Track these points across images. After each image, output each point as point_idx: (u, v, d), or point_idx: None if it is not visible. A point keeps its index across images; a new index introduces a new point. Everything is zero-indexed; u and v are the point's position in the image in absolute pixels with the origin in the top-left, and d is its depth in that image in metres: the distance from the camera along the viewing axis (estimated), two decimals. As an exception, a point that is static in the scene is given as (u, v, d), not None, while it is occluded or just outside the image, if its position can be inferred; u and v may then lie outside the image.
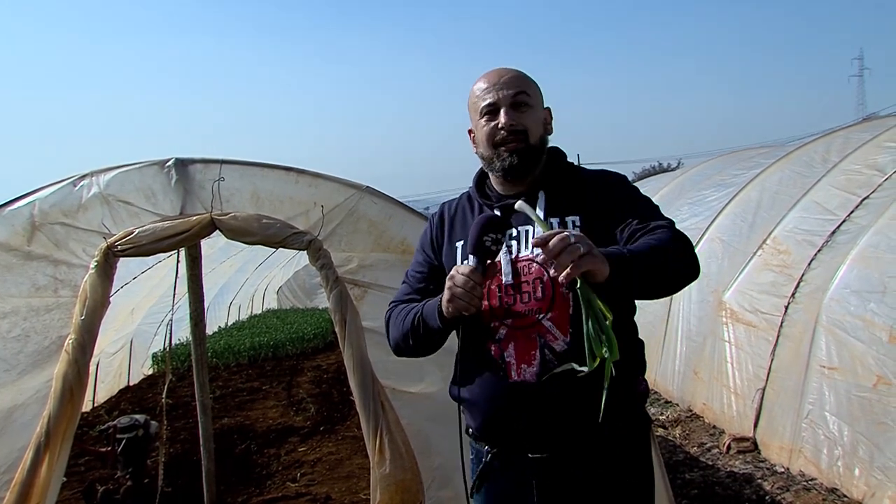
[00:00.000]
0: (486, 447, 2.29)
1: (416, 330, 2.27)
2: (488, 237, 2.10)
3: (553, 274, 1.89)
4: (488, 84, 2.29)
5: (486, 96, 2.28)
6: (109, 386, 9.47)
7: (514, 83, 2.28)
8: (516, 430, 2.17)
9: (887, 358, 4.75)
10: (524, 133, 2.24)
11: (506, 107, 2.24)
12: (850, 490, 4.84)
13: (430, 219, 2.55)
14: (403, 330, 2.33)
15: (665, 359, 8.00)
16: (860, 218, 5.79)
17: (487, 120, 2.27)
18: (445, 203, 2.54)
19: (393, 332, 2.41)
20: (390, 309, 2.46)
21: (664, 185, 11.56)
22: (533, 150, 2.27)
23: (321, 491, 5.71)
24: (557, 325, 2.13)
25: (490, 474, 2.29)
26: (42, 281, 3.76)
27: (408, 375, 3.75)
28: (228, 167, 3.88)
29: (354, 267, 3.87)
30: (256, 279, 16.39)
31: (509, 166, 2.25)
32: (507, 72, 2.31)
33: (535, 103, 2.31)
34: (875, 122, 8.51)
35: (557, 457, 2.16)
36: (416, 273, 2.49)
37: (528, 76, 2.34)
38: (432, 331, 2.22)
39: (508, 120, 2.23)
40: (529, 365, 2.14)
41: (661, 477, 3.87)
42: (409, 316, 2.30)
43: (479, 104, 2.29)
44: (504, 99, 2.25)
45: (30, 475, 3.38)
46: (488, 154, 2.29)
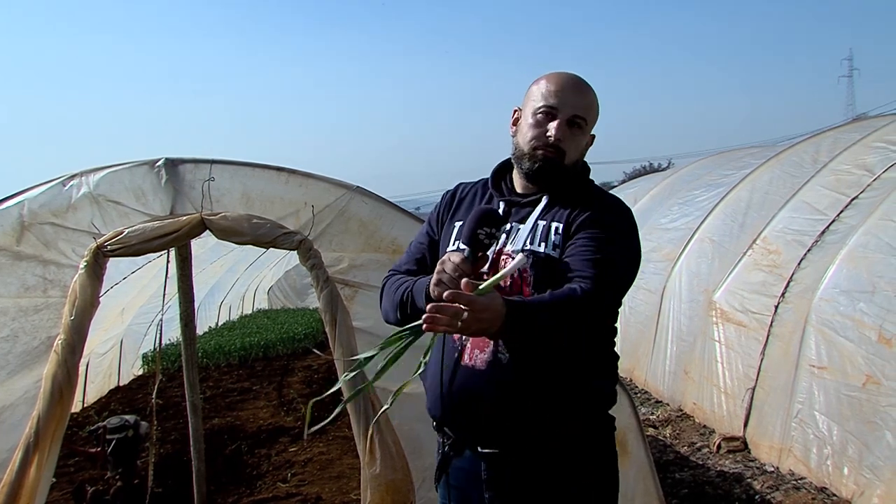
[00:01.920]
0: (442, 438, 2.36)
1: (404, 305, 2.30)
2: (483, 230, 2.12)
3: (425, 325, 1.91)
4: (561, 86, 2.28)
5: (552, 97, 2.26)
6: (99, 386, 9.43)
7: (582, 103, 2.28)
8: (461, 413, 2.23)
9: (876, 357, 4.78)
10: (563, 153, 2.25)
11: (562, 119, 2.24)
12: (840, 489, 4.86)
13: (443, 195, 2.58)
14: (393, 302, 2.36)
15: (655, 359, 8.02)
16: (849, 218, 5.81)
17: (541, 119, 2.26)
18: (461, 184, 2.57)
19: (384, 302, 2.45)
20: (387, 277, 2.50)
21: (654, 185, 11.58)
22: (563, 169, 2.28)
23: (312, 491, 5.70)
24: None
25: (446, 466, 2.35)
26: (31, 281, 3.75)
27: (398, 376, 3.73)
28: (219, 167, 3.87)
29: (345, 267, 3.86)
30: (247, 279, 16.34)
31: (537, 170, 2.27)
32: (581, 86, 2.30)
33: (587, 130, 2.32)
34: (864, 122, 8.54)
35: (506, 454, 2.19)
36: (417, 244, 2.54)
37: (595, 100, 2.33)
38: (418, 308, 2.23)
39: (557, 133, 2.23)
40: (482, 351, 2.18)
41: (651, 476, 3.88)
42: (401, 290, 2.34)
43: (540, 100, 2.28)
44: (565, 112, 2.24)
45: (19, 476, 3.36)
46: (525, 149, 2.29)
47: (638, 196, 11.31)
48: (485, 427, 2.19)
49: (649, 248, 8.85)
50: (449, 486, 2.34)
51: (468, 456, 2.26)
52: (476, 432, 2.22)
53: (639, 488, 3.83)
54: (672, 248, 8.43)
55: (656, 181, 12.16)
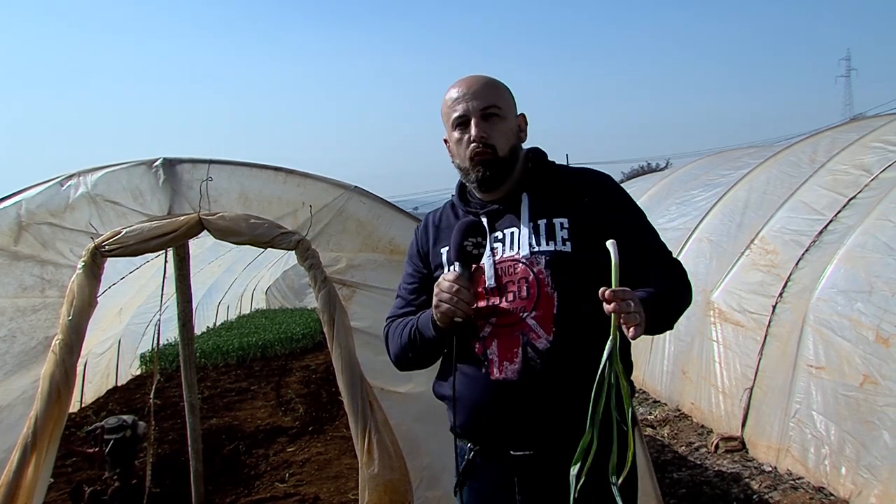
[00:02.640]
0: (469, 444, 2.30)
1: (414, 342, 2.29)
2: (469, 241, 2.11)
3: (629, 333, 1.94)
4: (459, 94, 2.28)
5: (456, 107, 2.27)
6: (97, 386, 9.43)
7: (484, 94, 2.27)
8: (498, 427, 2.19)
9: (874, 357, 4.78)
10: (493, 147, 2.23)
11: (476, 118, 2.24)
12: (837, 489, 4.86)
13: (416, 231, 2.56)
14: (402, 344, 2.34)
15: (653, 358, 8.02)
16: (847, 218, 5.82)
17: (460, 132, 2.27)
18: (429, 214, 2.55)
19: (392, 348, 2.42)
20: (387, 325, 2.47)
21: (652, 185, 11.59)
22: (502, 162, 2.26)
23: (310, 491, 5.71)
24: (541, 323, 2.14)
25: (473, 472, 2.29)
26: (29, 281, 3.75)
27: (396, 376, 3.73)
28: (216, 167, 3.87)
29: (343, 267, 3.86)
30: (245, 279, 16.34)
31: (482, 178, 2.26)
32: (476, 81, 2.30)
33: (507, 114, 2.30)
34: (862, 122, 8.55)
35: (539, 455, 2.17)
36: (407, 286, 2.50)
37: (499, 84, 2.33)
38: (428, 341, 2.24)
39: (479, 132, 2.23)
40: (511, 363, 2.14)
41: (650, 476, 3.88)
42: (406, 329, 2.33)
43: (450, 115, 2.29)
44: (474, 111, 2.24)
45: (16, 476, 3.36)
46: (464, 166, 2.30)
47: (636, 196, 11.26)
48: (519, 432, 2.16)
49: (647, 247, 8.84)
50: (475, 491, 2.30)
51: (497, 460, 2.23)
52: (508, 437, 2.19)
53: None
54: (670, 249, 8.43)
55: (654, 181, 12.16)
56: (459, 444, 2.36)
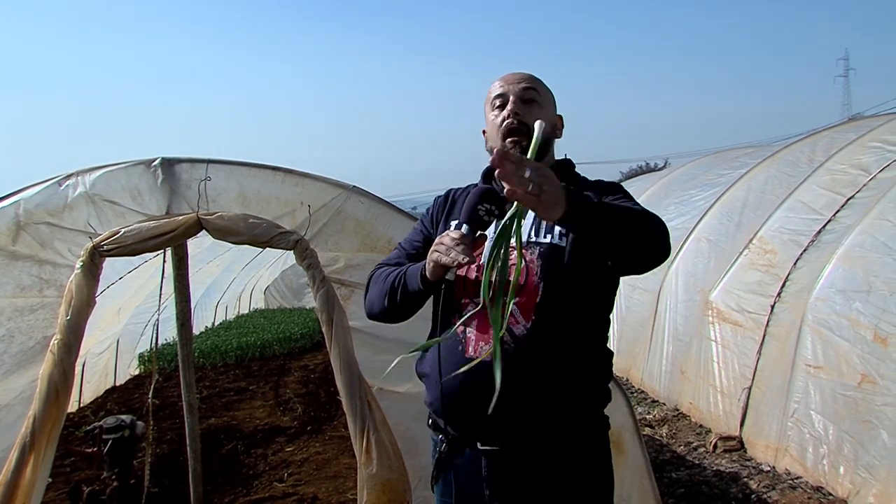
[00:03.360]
0: (440, 436, 2.33)
1: (395, 290, 2.28)
2: (482, 207, 2.07)
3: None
4: (503, 79, 2.39)
5: (497, 89, 2.37)
6: (95, 386, 9.42)
7: (527, 80, 2.37)
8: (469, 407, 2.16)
9: (872, 357, 4.78)
10: (527, 127, 2.24)
11: (514, 97, 2.32)
12: (836, 488, 4.87)
13: (436, 199, 2.59)
14: (383, 289, 2.33)
15: (652, 358, 8.03)
16: (845, 217, 5.82)
17: (497, 112, 2.34)
18: (452, 188, 2.58)
19: (371, 292, 2.42)
20: (375, 269, 2.48)
21: (651, 185, 11.60)
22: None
23: (308, 491, 5.71)
24: (522, 310, 2.17)
25: (445, 465, 2.32)
26: (27, 281, 3.74)
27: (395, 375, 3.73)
28: (215, 167, 3.87)
29: (341, 267, 3.86)
30: (243, 279, 16.34)
31: None
32: (522, 73, 2.41)
33: (545, 103, 2.38)
34: (860, 122, 8.56)
35: (506, 451, 2.18)
36: (410, 240, 2.53)
37: (541, 80, 2.41)
38: (410, 293, 2.23)
39: (514, 108, 2.29)
40: (487, 343, 2.14)
41: (648, 476, 3.88)
42: (392, 275, 2.32)
43: (490, 96, 2.38)
44: (514, 92, 2.33)
45: (14, 476, 3.36)
46: (496, 144, 2.32)
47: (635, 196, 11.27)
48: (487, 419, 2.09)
49: (646, 247, 8.85)
50: (449, 484, 2.32)
51: (468, 453, 2.25)
52: (478, 426, 2.19)
53: (635, 488, 3.83)
54: (668, 248, 8.43)
55: (652, 181, 12.17)
56: (432, 437, 2.40)
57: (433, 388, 2.28)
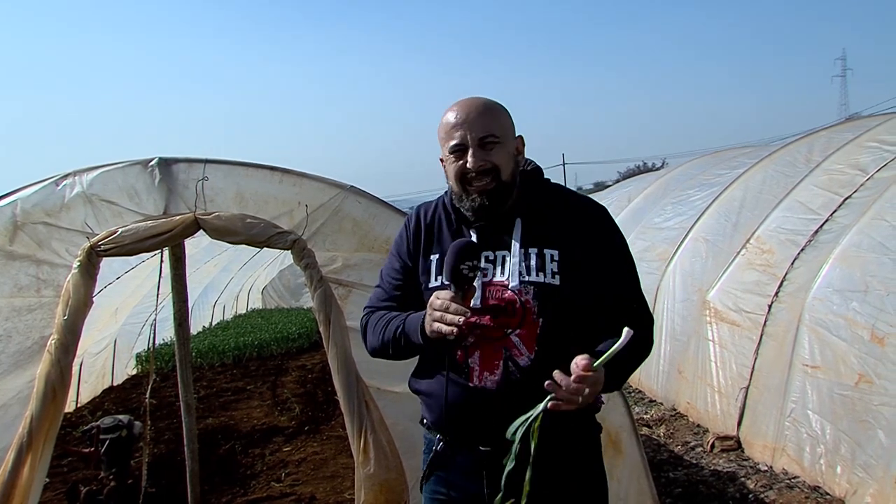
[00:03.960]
0: (438, 436, 2.35)
1: (398, 342, 2.31)
2: (465, 265, 2.12)
3: (550, 406, 1.99)
4: (456, 120, 2.25)
5: (454, 134, 2.24)
6: (93, 386, 9.42)
7: (482, 123, 2.23)
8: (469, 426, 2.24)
9: (869, 356, 4.79)
10: (495, 170, 2.23)
11: (473, 147, 2.21)
12: (833, 488, 4.87)
13: (406, 222, 2.53)
14: (384, 340, 2.36)
15: (649, 358, 8.01)
16: (843, 217, 5.82)
17: (456, 158, 2.25)
18: (421, 206, 2.52)
19: (371, 339, 2.44)
20: (367, 314, 2.49)
21: (648, 185, 11.59)
22: (505, 186, 2.26)
23: (306, 491, 5.70)
24: (525, 342, 2.20)
25: (441, 462, 2.34)
26: (24, 281, 3.74)
27: (392, 375, 3.73)
28: (212, 167, 3.87)
29: (339, 266, 3.86)
30: (241, 279, 16.33)
31: (479, 207, 2.25)
32: (475, 107, 2.26)
33: (505, 139, 2.27)
34: (857, 121, 8.56)
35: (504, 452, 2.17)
36: (391, 280, 2.49)
37: (496, 108, 2.30)
38: (413, 346, 2.28)
39: (476, 162, 2.21)
40: (492, 373, 2.20)
41: (645, 475, 3.89)
42: (391, 327, 2.34)
43: (447, 141, 2.27)
44: (472, 140, 2.21)
45: (12, 476, 3.36)
46: (458, 191, 2.29)
47: (632, 196, 11.32)
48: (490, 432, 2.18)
49: (643, 247, 8.86)
50: (443, 479, 2.34)
51: (466, 453, 2.28)
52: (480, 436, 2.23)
53: (633, 487, 3.83)
54: (666, 248, 8.44)
55: (650, 181, 12.16)
56: (428, 436, 2.42)
57: (435, 410, 2.32)
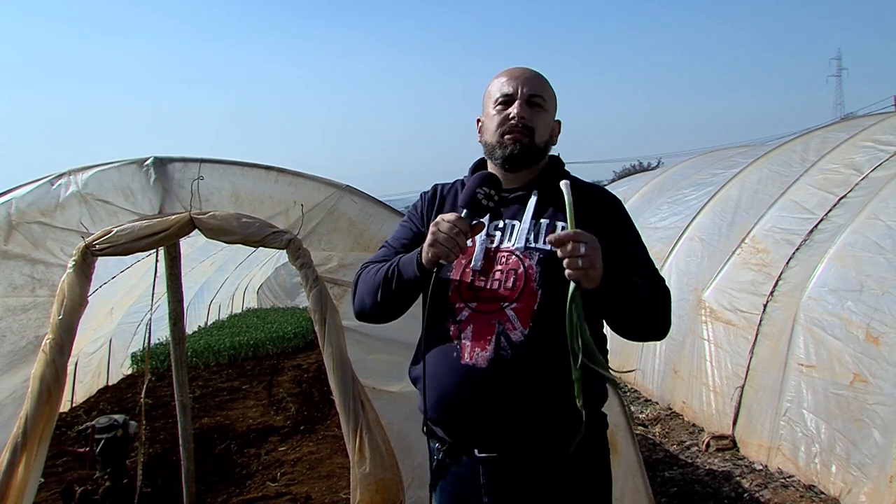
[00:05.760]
0: (437, 444, 2.31)
1: (389, 282, 2.24)
2: (482, 191, 2.11)
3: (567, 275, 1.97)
4: (510, 76, 2.33)
5: (505, 86, 2.31)
6: (88, 386, 9.41)
7: (535, 83, 2.32)
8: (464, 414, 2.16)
9: (864, 356, 4.80)
10: (531, 130, 2.27)
11: (521, 100, 2.27)
12: (828, 487, 4.88)
13: (422, 195, 2.54)
14: (374, 283, 2.29)
15: (645, 357, 8.04)
16: (838, 217, 5.84)
17: (501, 108, 2.29)
18: (438, 184, 2.53)
19: (361, 288, 2.36)
20: (362, 268, 2.42)
21: (644, 184, 11.60)
22: (535, 148, 2.29)
23: (301, 490, 5.70)
24: (520, 316, 2.15)
25: (443, 472, 2.30)
26: (19, 280, 3.73)
27: (388, 374, 3.74)
28: (208, 166, 3.86)
29: (334, 266, 3.86)
30: (236, 278, 16.32)
31: (510, 155, 2.26)
32: (531, 71, 2.36)
33: (549, 109, 2.34)
34: (853, 121, 8.58)
35: (505, 458, 2.17)
36: (399, 238, 2.47)
37: (548, 83, 2.37)
38: (405, 282, 2.20)
39: (521, 111, 2.26)
40: (483, 350, 2.14)
41: (641, 475, 3.89)
42: (383, 269, 2.28)
43: (497, 91, 2.32)
44: (522, 94, 2.28)
45: (6, 476, 3.35)
46: (493, 141, 2.30)
47: (627, 195, 11.33)
48: (485, 428, 2.14)
49: (639, 246, 8.86)
50: (446, 492, 2.30)
51: (465, 461, 2.22)
52: (475, 434, 2.17)
53: (628, 487, 3.84)
54: (661, 247, 8.45)
55: (646, 180, 12.18)
56: (429, 444, 2.37)
57: (430, 395, 2.24)
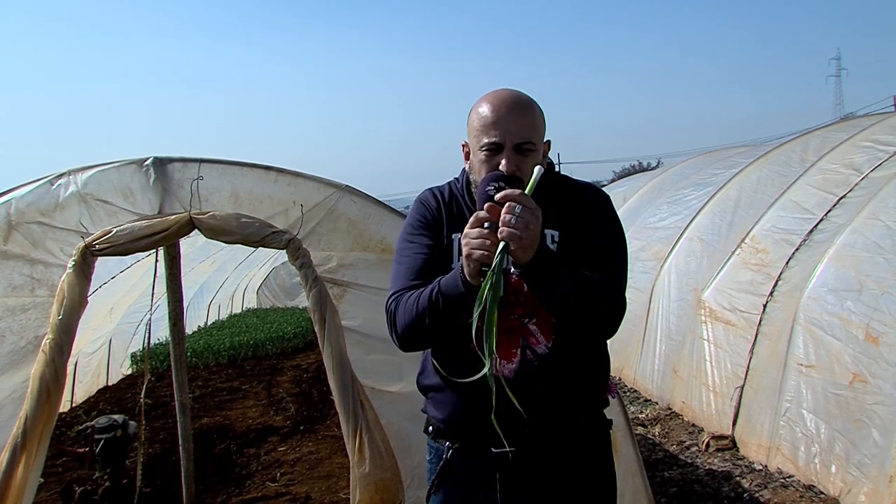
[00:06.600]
0: (447, 443, 2.27)
1: (435, 306, 2.09)
2: (492, 185, 2.03)
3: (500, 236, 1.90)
4: (496, 116, 2.16)
5: (491, 131, 2.15)
6: (88, 386, 9.41)
7: (522, 126, 2.16)
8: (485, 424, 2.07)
9: (863, 356, 4.80)
10: (519, 181, 2.09)
11: (509, 152, 2.14)
12: (827, 487, 4.88)
13: (423, 202, 2.39)
14: (418, 311, 2.13)
15: (644, 357, 8.04)
16: (837, 217, 5.84)
17: (487, 156, 2.16)
18: (433, 189, 2.42)
19: (402, 319, 2.19)
20: (394, 299, 2.24)
21: (644, 184, 11.60)
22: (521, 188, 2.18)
23: (301, 490, 5.70)
24: (542, 330, 2.18)
25: (450, 472, 2.27)
26: (18, 280, 3.73)
27: (387, 375, 3.74)
28: (207, 166, 3.86)
29: (334, 266, 3.86)
30: (236, 278, 16.32)
31: None
32: (516, 106, 2.18)
33: (539, 146, 2.20)
34: (852, 121, 8.58)
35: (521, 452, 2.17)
36: (419, 255, 2.29)
37: (536, 110, 2.22)
38: (453, 302, 2.05)
39: (510, 166, 2.12)
40: (510, 362, 2.17)
41: (640, 475, 3.89)
42: (424, 295, 2.12)
43: (481, 136, 2.17)
44: (510, 143, 2.14)
45: (6, 476, 3.35)
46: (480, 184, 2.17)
47: (627, 195, 11.34)
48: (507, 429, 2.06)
49: (638, 247, 8.86)
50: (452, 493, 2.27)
51: (477, 459, 2.21)
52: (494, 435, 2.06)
53: (628, 487, 3.84)
54: (661, 247, 8.45)
55: (645, 180, 12.18)
56: (435, 445, 2.34)
57: (448, 404, 2.23)
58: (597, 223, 2.26)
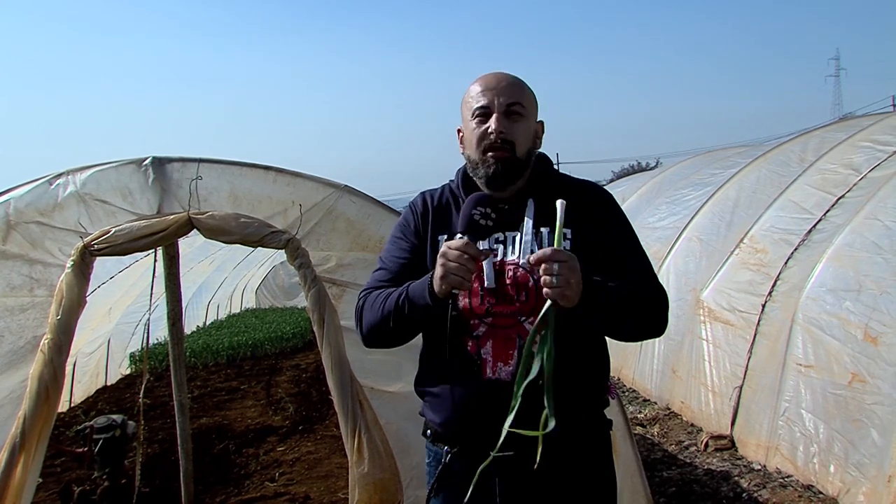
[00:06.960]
0: (446, 447, 2.26)
1: (400, 310, 2.15)
2: (477, 211, 2.07)
3: (545, 293, 1.94)
4: (485, 87, 2.23)
5: (480, 98, 2.21)
6: (86, 386, 9.40)
7: (511, 91, 2.22)
8: (483, 427, 2.11)
9: (862, 356, 4.80)
10: (511, 144, 2.17)
11: (498, 113, 2.18)
12: (826, 487, 4.88)
13: (411, 206, 2.43)
14: (384, 312, 2.20)
15: (643, 357, 8.04)
16: (836, 217, 5.84)
17: (479, 122, 2.20)
18: (426, 192, 2.44)
19: (368, 317, 2.27)
20: (363, 295, 2.32)
21: (643, 184, 11.61)
22: (518, 162, 2.21)
23: (300, 490, 5.70)
24: None
25: (450, 477, 2.25)
26: (17, 280, 3.73)
27: (386, 375, 3.74)
28: (206, 166, 3.86)
29: (333, 266, 3.85)
30: (235, 278, 16.31)
31: (493, 174, 2.19)
32: (506, 77, 2.26)
33: (529, 115, 2.25)
34: (851, 121, 8.58)
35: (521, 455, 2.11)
36: (396, 258, 2.36)
37: (526, 85, 2.28)
38: (419, 310, 2.13)
39: (499, 126, 2.16)
40: (506, 364, 2.13)
41: (639, 475, 3.89)
42: (392, 297, 2.19)
43: (472, 104, 2.23)
44: (499, 105, 2.19)
45: (5, 476, 3.35)
46: (475, 158, 2.22)
47: (626, 195, 11.33)
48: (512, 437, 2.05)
49: (637, 247, 8.85)
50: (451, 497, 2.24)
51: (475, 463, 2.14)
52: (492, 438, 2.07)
53: (626, 487, 3.84)
54: (660, 247, 8.45)
55: (644, 180, 12.18)
56: (434, 448, 2.33)
57: (445, 409, 2.23)
58: (615, 228, 2.30)
